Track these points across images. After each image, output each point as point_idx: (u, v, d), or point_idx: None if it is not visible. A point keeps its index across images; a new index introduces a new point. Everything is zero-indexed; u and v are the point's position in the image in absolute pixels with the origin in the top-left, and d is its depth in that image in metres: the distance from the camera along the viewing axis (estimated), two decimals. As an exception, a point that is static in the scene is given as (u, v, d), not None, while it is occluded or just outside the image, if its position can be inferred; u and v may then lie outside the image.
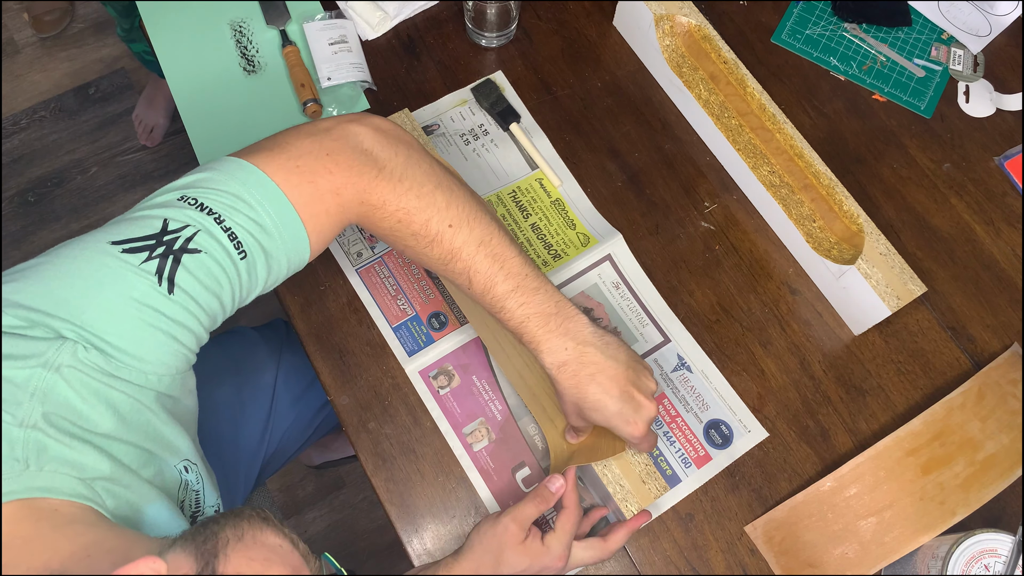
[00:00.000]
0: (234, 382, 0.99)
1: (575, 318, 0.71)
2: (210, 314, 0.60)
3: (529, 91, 0.97)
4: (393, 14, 0.99)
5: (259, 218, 0.61)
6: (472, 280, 0.70)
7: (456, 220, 0.69)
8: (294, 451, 1.08)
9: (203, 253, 0.58)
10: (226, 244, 0.59)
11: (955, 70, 1.01)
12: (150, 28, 0.98)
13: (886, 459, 0.78)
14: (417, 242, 0.69)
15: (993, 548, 0.70)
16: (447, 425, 0.82)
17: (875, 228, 0.83)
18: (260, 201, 0.61)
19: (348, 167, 0.66)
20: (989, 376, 0.82)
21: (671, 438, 0.82)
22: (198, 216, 0.59)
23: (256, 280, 0.63)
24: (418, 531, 0.79)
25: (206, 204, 0.59)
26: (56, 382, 0.52)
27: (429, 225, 0.68)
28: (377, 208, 0.67)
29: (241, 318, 1.67)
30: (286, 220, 0.62)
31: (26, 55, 1.90)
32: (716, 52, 0.93)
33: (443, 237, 0.69)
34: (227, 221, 0.59)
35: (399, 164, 0.68)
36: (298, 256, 0.65)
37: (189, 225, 0.58)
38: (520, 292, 0.70)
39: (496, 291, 0.70)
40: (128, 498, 0.55)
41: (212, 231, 0.59)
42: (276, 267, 0.64)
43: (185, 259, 0.57)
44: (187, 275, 0.57)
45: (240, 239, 0.60)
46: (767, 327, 0.87)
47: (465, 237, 0.69)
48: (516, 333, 0.71)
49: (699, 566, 0.78)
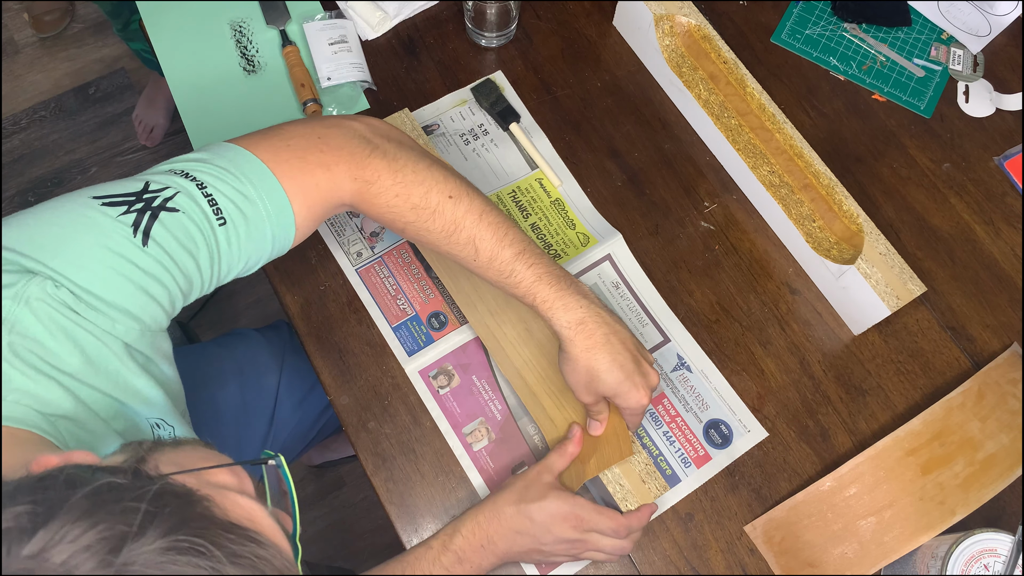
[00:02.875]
0: (237, 384, 0.99)
1: (581, 283, 0.73)
2: (185, 273, 0.59)
3: (529, 91, 0.97)
4: (393, 14, 0.99)
5: (243, 188, 0.61)
6: (478, 248, 0.70)
7: (455, 192, 0.70)
8: (296, 454, 1.08)
9: (181, 212, 0.58)
10: (205, 208, 0.60)
11: (955, 70, 1.01)
12: (150, 28, 0.98)
13: (886, 459, 0.78)
14: (418, 215, 0.69)
15: (993, 548, 0.70)
16: (447, 425, 0.82)
17: (875, 228, 0.83)
18: (245, 173, 0.62)
19: (339, 147, 0.67)
20: (989, 376, 0.82)
21: (671, 438, 0.82)
22: (181, 181, 0.60)
23: (237, 251, 0.62)
24: (418, 531, 0.79)
25: (191, 173, 0.61)
26: (24, 314, 0.52)
27: (429, 196, 0.69)
28: (372, 183, 0.68)
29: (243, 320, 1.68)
30: (271, 192, 0.63)
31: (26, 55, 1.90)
32: (716, 52, 0.93)
33: (444, 208, 0.69)
34: (208, 187, 0.60)
35: (392, 147, 0.70)
36: (283, 231, 0.65)
37: (170, 187, 0.59)
38: (527, 255, 0.71)
39: (504, 255, 0.70)
40: (93, 445, 0.55)
41: (192, 194, 0.59)
42: (259, 239, 0.63)
43: (163, 216, 0.57)
44: (163, 230, 0.57)
45: (220, 205, 0.60)
46: (767, 327, 0.87)
47: (467, 207, 0.70)
48: (528, 297, 0.71)
49: (699, 566, 0.78)
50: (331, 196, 0.67)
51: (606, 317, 0.72)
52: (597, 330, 0.70)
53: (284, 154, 0.65)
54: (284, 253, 0.68)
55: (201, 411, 0.96)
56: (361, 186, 0.68)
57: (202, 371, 0.99)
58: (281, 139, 0.66)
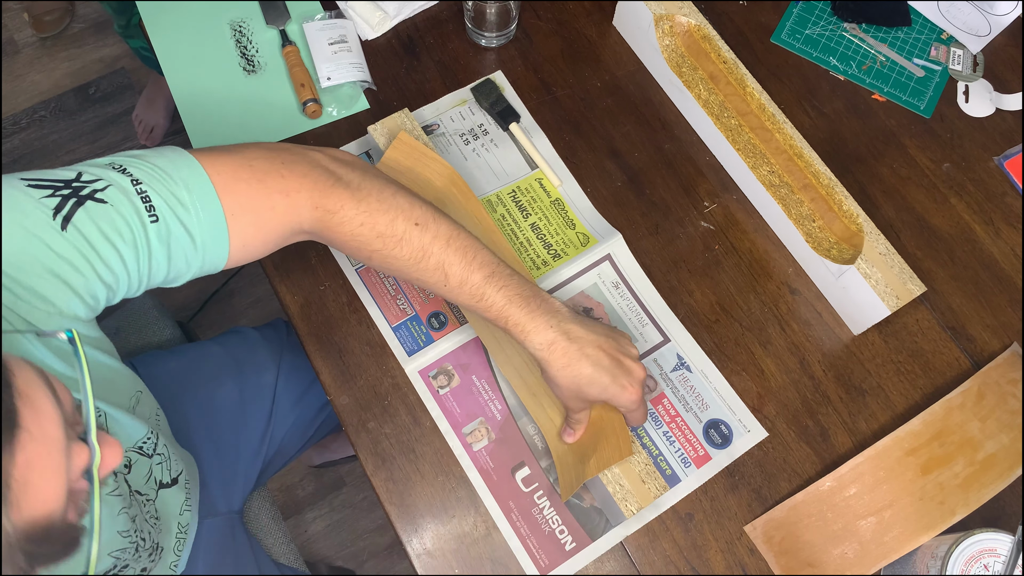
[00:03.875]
0: (235, 382, 0.99)
1: (551, 300, 0.73)
2: (108, 265, 0.58)
3: (529, 91, 0.97)
4: (393, 14, 0.99)
5: (177, 192, 0.61)
6: (448, 274, 0.70)
7: (421, 219, 0.70)
8: (295, 452, 1.08)
9: (109, 205, 0.57)
10: (137, 203, 0.59)
11: (955, 70, 1.01)
12: (150, 28, 0.98)
13: (886, 459, 0.78)
14: (384, 244, 0.69)
15: (993, 548, 0.70)
16: (447, 425, 0.82)
17: (874, 228, 0.83)
18: (184, 179, 0.61)
19: (303, 175, 0.67)
20: (989, 376, 0.82)
21: (671, 438, 0.82)
22: (114, 175, 0.59)
23: (167, 253, 0.61)
24: (418, 531, 0.79)
25: (127, 169, 0.60)
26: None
27: (395, 224, 0.69)
28: (334, 212, 0.67)
29: (243, 320, 1.68)
30: (206, 203, 0.62)
31: (26, 55, 1.90)
32: (716, 52, 0.93)
33: (411, 235, 0.69)
34: (143, 185, 0.59)
35: (356, 177, 0.69)
36: (215, 245, 0.64)
37: (102, 179, 0.58)
38: (497, 278, 0.71)
39: (473, 279, 0.70)
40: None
41: (125, 188, 0.58)
42: (188, 247, 0.62)
43: (89, 204, 0.57)
44: (86, 218, 0.56)
45: (154, 204, 0.59)
46: (767, 327, 0.87)
47: (434, 233, 0.70)
48: (500, 320, 0.72)
49: (699, 566, 0.78)
50: (288, 222, 0.67)
51: (577, 332, 0.72)
52: (570, 347, 0.71)
53: (244, 173, 0.64)
54: (216, 271, 0.67)
55: (199, 409, 0.96)
56: (323, 215, 0.67)
57: (200, 369, 0.99)
58: (244, 159, 0.65)
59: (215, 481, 0.95)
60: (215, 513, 0.94)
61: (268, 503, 1.06)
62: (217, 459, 0.96)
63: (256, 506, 1.04)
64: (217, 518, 0.94)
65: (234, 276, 1.68)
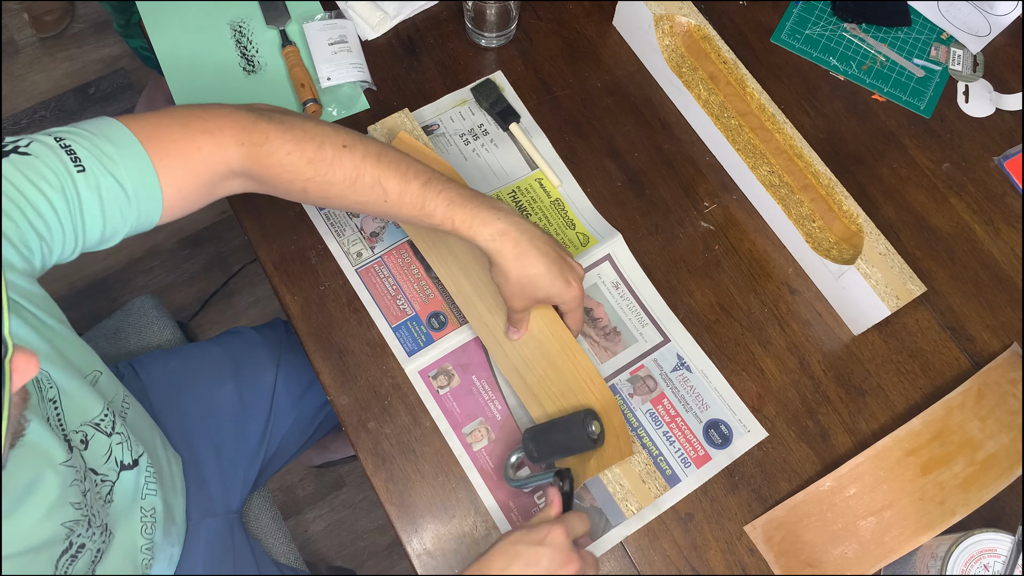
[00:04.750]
0: (234, 382, 0.99)
1: (492, 199, 0.75)
2: (38, 210, 0.59)
3: (529, 91, 0.97)
4: (393, 14, 0.99)
5: (102, 146, 0.62)
6: (386, 188, 0.71)
7: (348, 140, 0.71)
8: (294, 452, 1.08)
9: (33, 156, 0.59)
10: (61, 155, 0.60)
11: (955, 70, 1.01)
12: (150, 28, 0.98)
13: (886, 459, 0.78)
14: (316, 169, 0.70)
15: (993, 548, 0.70)
16: (447, 425, 0.82)
17: (874, 228, 0.83)
18: (106, 135, 0.63)
19: (224, 115, 0.68)
20: (989, 376, 0.82)
21: (671, 438, 0.82)
22: (38, 136, 0.61)
23: (98, 204, 0.62)
24: (418, 531, 0.79)
25: (51, 133, 0.61)
26: None
27: (323, 149, 0.70)
28: (261, 145, 0.68)
29: (243, 320, 1.68)
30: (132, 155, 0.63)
31: (26, 55, 1.90)
32: (716, 52, 0.93)
33: (342, 156, 0.70)
34: (67, 139, 0.61)
35: (277, 113, 0.71)
36: (147, 194, 0.65)
37: (24, 139, 0.60)
38: (435, 183, 0.72)
39: (412, 188, 0.72)
40: None
41: (48, 144, 0.60)
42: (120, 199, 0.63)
43: (13, 157, 0.58)
44: (11, 168, 0.58)
45: (79, 155, 0.61)
46: (766, 327, 0.87)
47: (363, 152, 0.71)
48: (446, 223, 0.72)
49: (699, 566, 0.78)
50: (217, 163, 0.68)
51: (525, 225, 0.74)
52: (521, 237, 0.73)
53: (165, 120, 0.66)
54: (153, 224, 0.68)
55: (198, 409, 0.96)
56: (250, 149, 0.68)
57: (199, 369, 0.99)
58: (164, 113, 0.67)
59: (214, 481, 0.95)
60: (214, 513, 0.94)
61: (268, 503, 1.06)
62: (216, 459, 0.96)
63: (256, 506, 1.04)
64: (216, 518, 0.94)
65: (234, 276, 1.69)
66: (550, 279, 0.74)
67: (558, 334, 0.81)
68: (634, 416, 0.83)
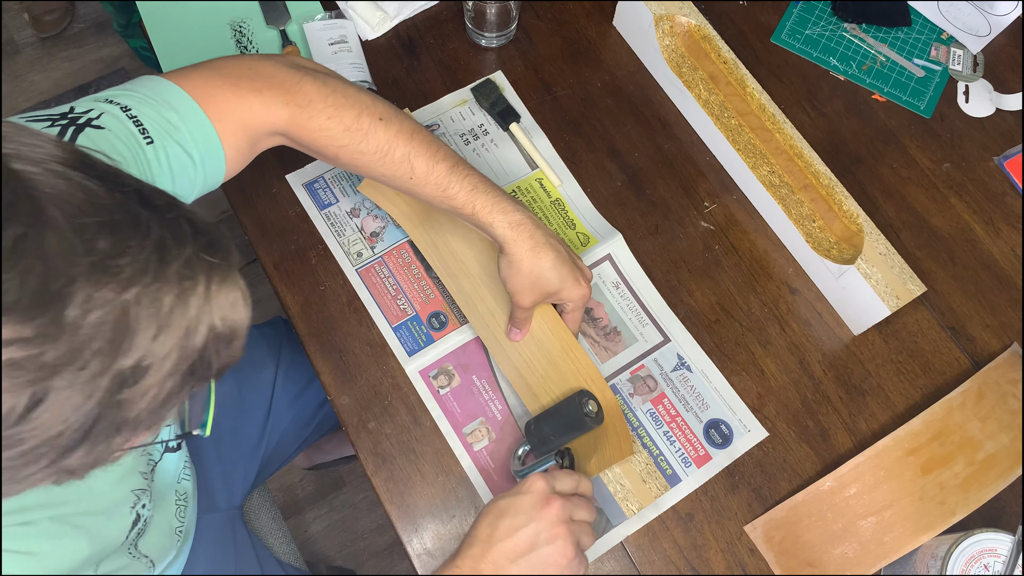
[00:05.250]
0: (234, 379, 0.99)
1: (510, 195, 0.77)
2: None
3: (529, 91, 0.97)
4: (393, 14, 0.99)
5: (167, 114, 0.63)
6: (414, 165, 0.73)
7: (385, 114, 0.73)
8: (294, 450, 1.08)
9: (107, 130, 0.59)
10: (131, 127, 0.61)
11: (955, 70, 1.01)
12: (150, 28, 0.98)
13: (886, 459, 0.78)
14: (351, 138, 0.71)
15: (993, 548, 0.70)
16: (447, 425, 0.82)
17: (875, 228, 0.83)
18: (169, 102, 0.64)
19: (271, 75, 0.69)
20: (989, 376, 0.82)
21: (671, 438, 0.82)
22: (105, 106, 0.61)
23: (168, 172, 0.63)
24: (418, 531, 0.79)
25: (114, 100, 0.62)
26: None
27: (361, 118, 0.71)
28: (304, 107, 0.70)
29: (241, 318, 1.67)
30: (195, 121, 0.64)
31: (26, 55, 1.90)
32: (716, 52, 0.93)
33: (377, 128, 0.72)
34: (133, 110, 0.61)
35: (320, 74, 0.72)
36: (212, 158, 0.66)
37: (94, 109, 0.60)
38: (461, 168, 0.74)
39: (439, 169, 0.73)
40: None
41: (117, 115, 0.61)
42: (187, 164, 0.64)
43: (88, 130, 0.58)
44: (88, 143, 0.57)
45: (146, 126, 0.61)
46: (767, 327, 0.87)
47: (398, 127, 0.73)
48: (467, 207, 0.74)
49: (699, 566, 0.78)
50: (265, 121, 0.69)
51: (540, 222, 0.76)
52: (537, 231, 0.75)
53: (216, 81, 0.67)
54: (218, 185, 0.69)
55: (199, 404, 0.96)
56: (294, 111, 0.69)
57: None
58: (213, 71, 0.68)
59: (215, 476, 0.95)
60: (215, 509, 0.94)
61: (268, 503, 1.06)
62: (216, 455, 0.96)
63: (256, 506, 1.04)
64: (217, 513, 0.94)
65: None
66: (563, 275, 0.76)
67: (559, 334, 0.81)
68: (634, 416, 0.83)
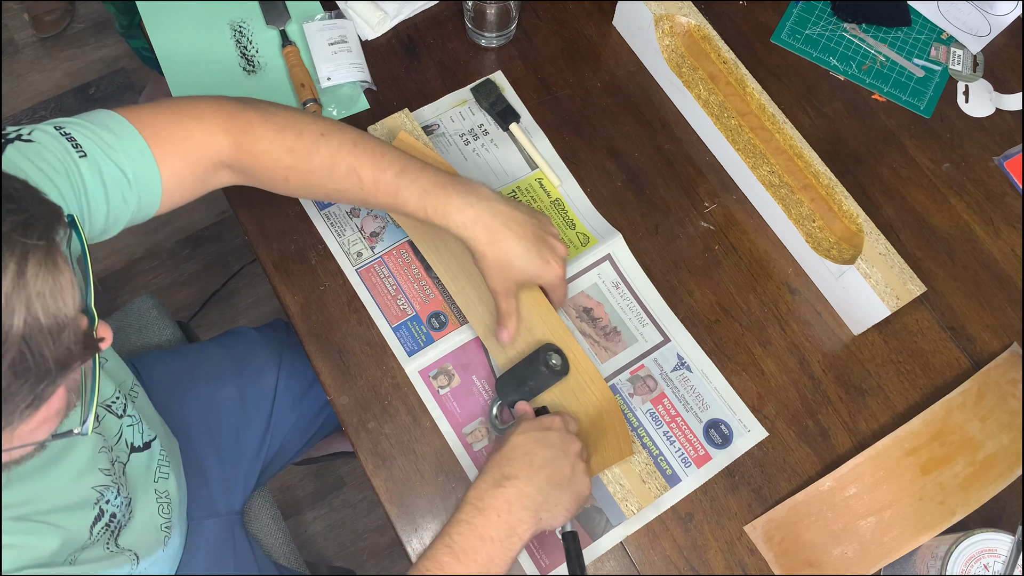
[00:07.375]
0: (236, 383, 0.99)
1: (471, 182, 0.76)
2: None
3: (529, 91, 0.97)
4: (393, 14, 0.99)
5: (102, 134, 0.64)
6: (361, 176, 0.73)
7: (326, 129, 0.73)
8: (295, 452, 1.08)
9: (36, 143, 0.60)
10: (63, 142, 0.62)
11: (955, 70, 1.01)
12: (150, 28, 0.98)
13: (886, 459, 0.78)
14: (296, 158, 0.72)
15: (993, 548, 0.70)
16: (447, 425, 0.82)
17: (874, 228, 0.83)
18: (105, 124, 0.65)
19: (213, 104, 0.71)
20: (989, 376, 0.82)
21: (671, 438, 0.82)
22: (39, 125, 0.62)
23: (102, 190, 0.64)
24: (418, 531, 0.79)
25: (49, 122, 0.63)
26: None
27: (302, 137, 0.72)
28: (246, 132, 0.70)
29: (243, 320, 1.68)
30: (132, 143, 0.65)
31: (26, 55, 1.90)
32: (716, 52, 0.93)
33: (319, 144, 0.72)
34: (66, 128, 0.63)
35: (261, 102, 0.74)
36: (147, 181, 0.66)
37: (26, 128, 0.61)
38: (409, 171, 0.73)
39: (386, 177, 0.73)
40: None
41: (49, 132, 0.62)
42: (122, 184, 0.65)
43: (17, 143, 0.60)
44: (16, 153, 0.59)
45: (79, 141, 0.62)
46: (767, 327, 0.87)
47: (339, 140, 0.73)
48: (420, 212, 0.74)
49: (699, 566, 0.78)
50: (207, 149, 0.70)
51: (500, 207, 0.75)
52: (494, 221, 0.73)
53: (157, 108, 0.68)
54: (154, 211, 0.70)
55: (200, 409, 0.96)
56: (236, 136, 0.70)
57: (201, 369, 0.99)
58: (158, 104, 0.70)
59: (216, 481, 0.95)
60: (216, 514, 0.94)
61: (268, 503, 1.06)
62: (218, 460, 0.96)
63: (256, 506, 1.04)
64: (218, 519, 0.94)
65: (234, 276, 1.69)
66: (528, 260, 0.75)
67: (558, 334, 0.81)
68: (634, 416, 0.83)
